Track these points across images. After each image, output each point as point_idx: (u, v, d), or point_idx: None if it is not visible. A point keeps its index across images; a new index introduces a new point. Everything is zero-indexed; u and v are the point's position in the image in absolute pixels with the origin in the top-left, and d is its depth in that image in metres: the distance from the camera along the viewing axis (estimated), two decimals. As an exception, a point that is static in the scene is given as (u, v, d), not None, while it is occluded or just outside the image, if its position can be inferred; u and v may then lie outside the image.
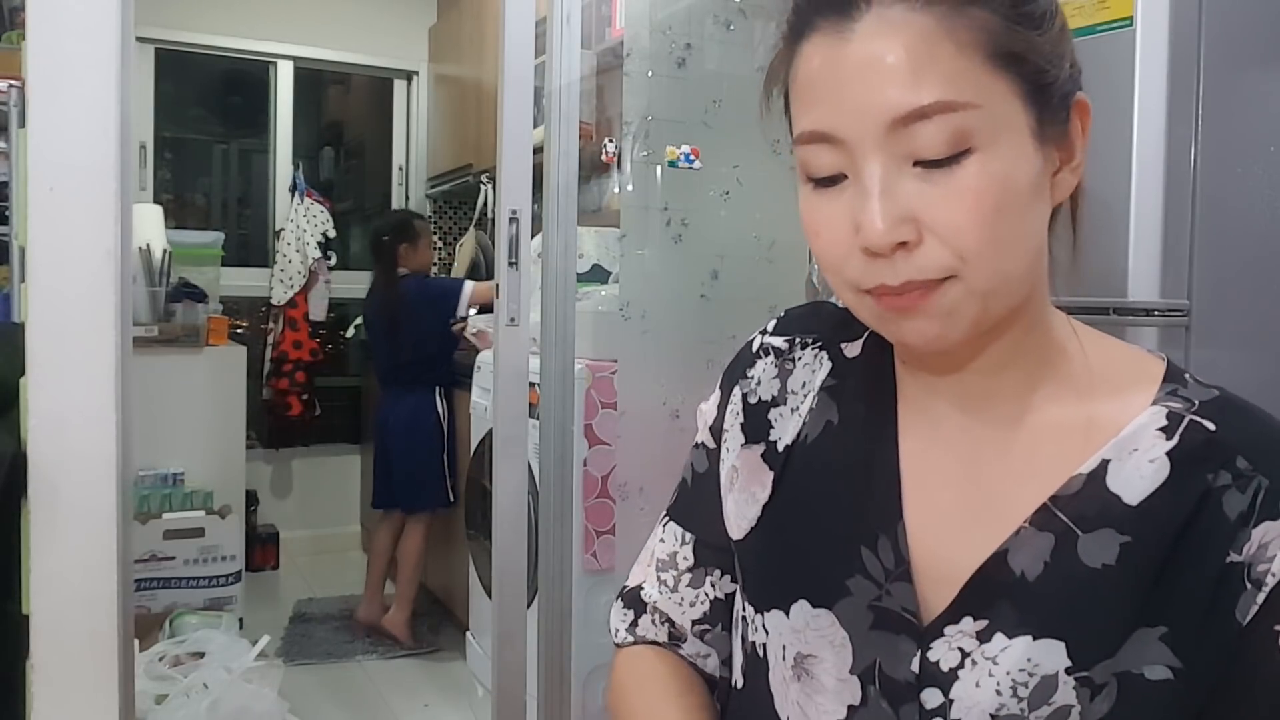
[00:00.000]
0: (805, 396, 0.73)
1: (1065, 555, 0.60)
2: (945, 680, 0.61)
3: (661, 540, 0.81)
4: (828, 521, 0.68)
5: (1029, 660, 0.59)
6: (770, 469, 0.72)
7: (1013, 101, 0.57)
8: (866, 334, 0.72)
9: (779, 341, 0.77)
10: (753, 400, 0.76)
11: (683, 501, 0.81)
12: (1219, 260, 1.34)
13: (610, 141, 2.89)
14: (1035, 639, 0.59)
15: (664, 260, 1.87)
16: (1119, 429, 0.61)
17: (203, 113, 4.40)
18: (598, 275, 2.69)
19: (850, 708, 0.64)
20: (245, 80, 4.32)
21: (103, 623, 1.38)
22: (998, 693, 0.59)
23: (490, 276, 3.60)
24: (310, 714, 2.62)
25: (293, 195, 4.09)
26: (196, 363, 3.19)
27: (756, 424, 0.75)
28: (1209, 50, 1.32)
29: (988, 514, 0.63)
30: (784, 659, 0.68)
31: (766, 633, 0.69)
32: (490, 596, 1.93)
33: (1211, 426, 0.60)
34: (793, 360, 0.75)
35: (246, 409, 3.35)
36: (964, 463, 0.65)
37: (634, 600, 0.81)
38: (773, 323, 0.79)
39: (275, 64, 4.25)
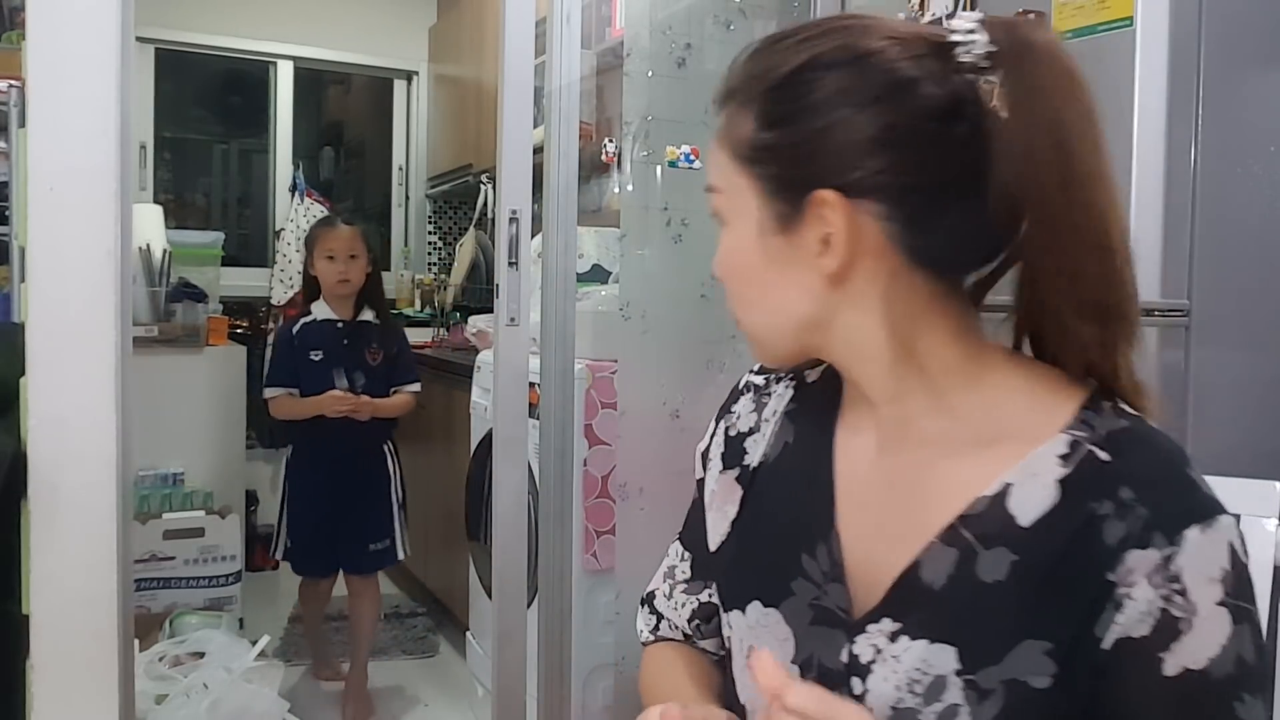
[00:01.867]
0: (771, 422, 0.83)
1: (966, 569, 0.66)
2: (863, 672, 0.68)
3: (669, 556, 0.93)
4: (779, 531, 0.77)
5: (924, 661, 0.65)
6: (740, 488, 0.83)
7: (749, 196, 0.70)
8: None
9: (759, 379, 0.87)
10: (733, 433, 0.86)
11: (686, 524, 0.93)
12: (1219, 260, 1.34)
13: (610, 141, 2.89)
14: (931, 643, 0.66)
15: (664, 260, 1.87)
16: (1025, 454, 0.66)
17: (203, 113, 4.40)
18: (598, 275, 2.69)
19: None
20: (245, 80, 4.32)
21: (103, 623, 1.38)
22: (897, 688, 0.66)
23: (490, 277, 3.60)
24: (310, 714, 2.62)
25: (293, 195, 4.09)
26: (196, 363, 3.19)
27: (733, 452, 0.85)
28: (1209, 50, 1.32)
29: (909, 527, 0.69)
30: (742, 652, 0.77)
31: (731, 629, 0.79)
32: (490, 596, 1.92)
33: (1106, 457, 0.64)
34: (768, 394, 0.85)
35: (246, 409, 3.35)
36: (889, 479, 0.72)
37: (652, 606, 0.93)
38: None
39: (275, 64, 4.25)
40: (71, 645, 1.36)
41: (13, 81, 2.11)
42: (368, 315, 2.72)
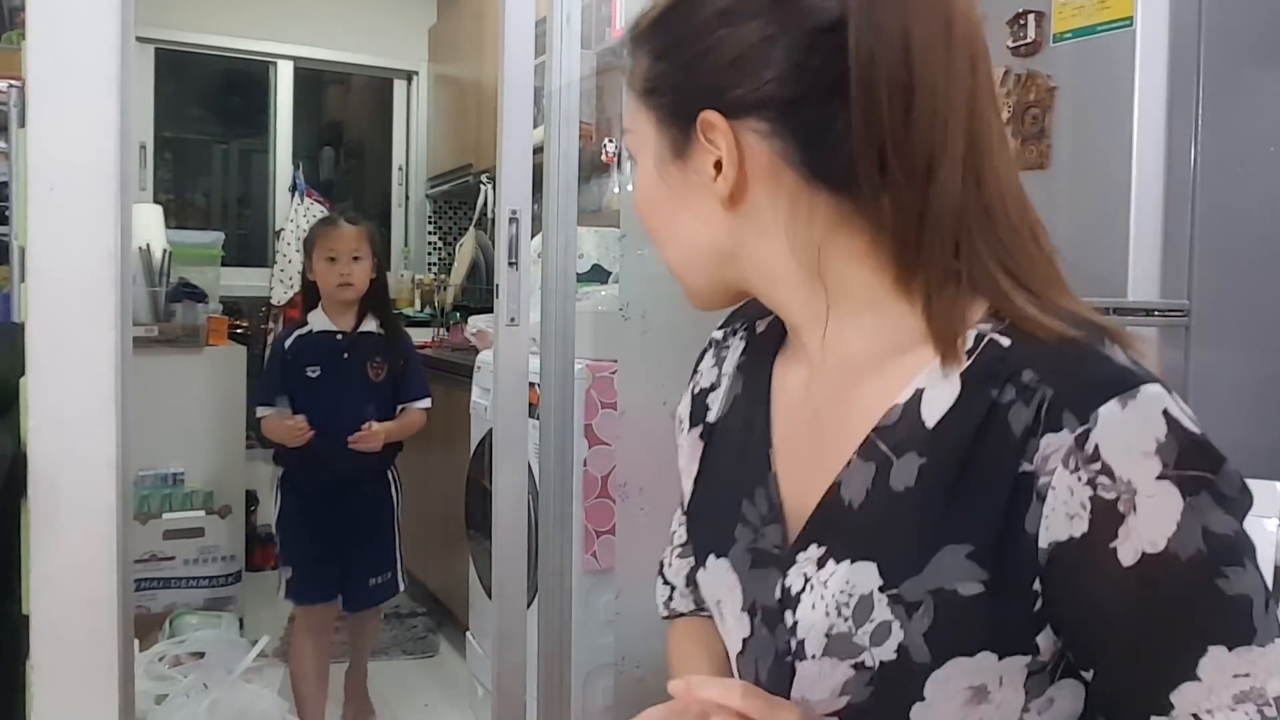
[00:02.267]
0: (729, 376, 0.83)
1: (882, 481, 0.64)
2: (794, 603, 0.67)
3: (674, 523, 0.94)
4: (725, 482, 0.77)
5: (847, 582, 0.63)
6: (701, 444, 0.83)
7: (650, 130, 0.71)
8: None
9: (719, 334, 0.87)
10: (695, 390, 0.86)
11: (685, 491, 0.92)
12: (1219, 260, 1.34)
13: (610, 141, 2.89)
14: (853, 562, 0.64)
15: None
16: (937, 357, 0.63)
17: (203, 113, 4.40)
18: (598, 275, 2.69)
19: (744, 640, 0.72)
20: (245, 80, 4.32)
21: (103, 623, 1.38)
22: (826, 614, 0.64)
23: (490, 277, 3.60)
24: (310, 714, 2.62)
25: (293, 195, 4.09)
26: (196, 363, 3.18)
27: (698, 410, 0.85)
28: (1209, 50, 1.32)
29: (834, 451, 0.67)
30: (712, 604, 0.78)
31: (701, 585, 0.80)
32: (490, 596, 1.93)
33: (1006, 343, 0.61)
34: (726, 348, 0.85)
35: (246, 409, 3.35)
36: (815, 412, 0.71)
37: (663, 575, 0.94)
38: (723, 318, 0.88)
39: (275, 64, 4.25)
40: (71, 645, 1.36)
41: (13, 81, 2.11)
42: (370, 325, 2.45)
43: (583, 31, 1.84)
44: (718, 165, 0.66)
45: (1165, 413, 0.56)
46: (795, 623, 0.66)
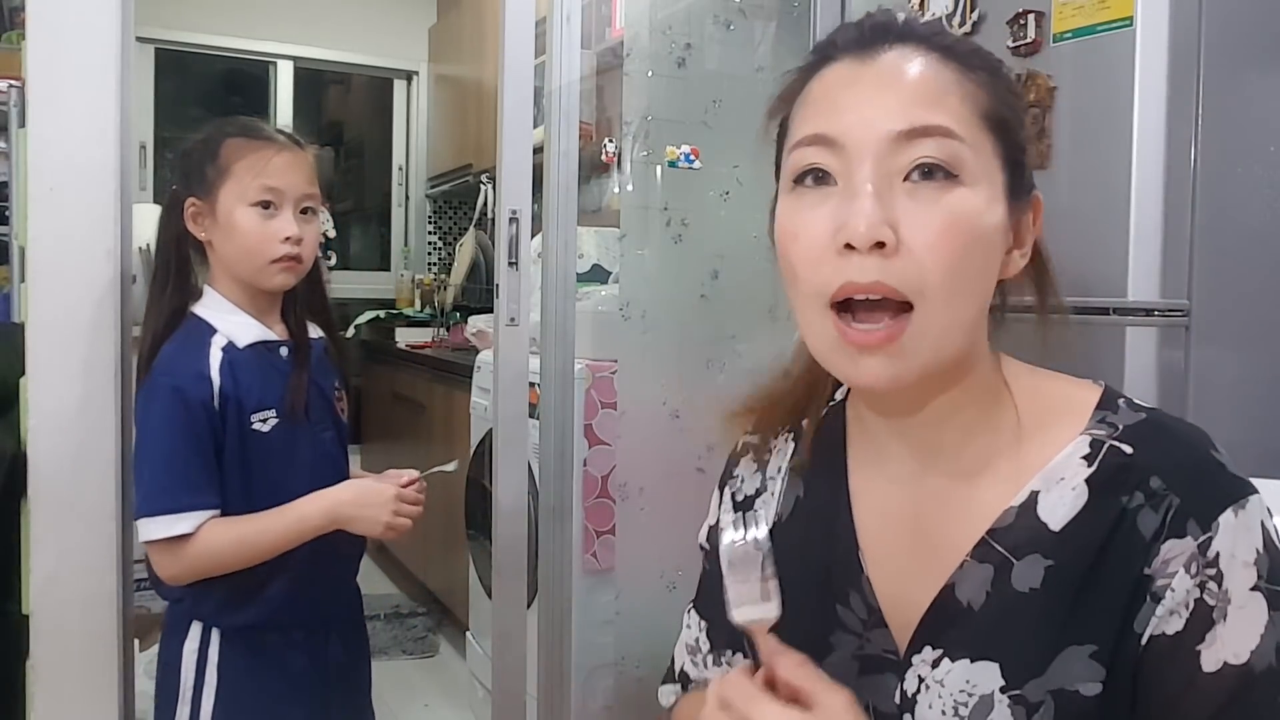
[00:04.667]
0: (778, 479, 0.79)
1: (1002, 582, 0.64)
2: (911, 705, 0.66)
3: (688, 627, 0.88)
4: (806, 589, 0.72)
5: (968, 681, 0.63)
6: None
7: (995, 161, 0.63)
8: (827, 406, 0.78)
9: (754, 439, 0.83)
10: (739, 498, 0.82)
11: (699, 592, 0.88)
12: (1219, 260, 1.34)
13: (610, 141, 2.89)
14: (973, 661, 0.63)
15: (664, 260, 1.87)
16: (1048, 461, 0.65)
17: (203, 113, 4.40)
18: (598, 275, 2.69)
19: None
20: (245, 80, 4.32)
21: (103, 623, 1.38)
22: (943, 713, 0.64)
23: (490, 277, 3.60)
24: (310, 714, 2.62)
25: (293, 195, 4.08)
26: (196, 363, 3.17)
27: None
28: (1209, 50, 1.32)
29: (937, 555, 0.67)
30: None
31: None
32: (490, 596, 1.92)
33: (1129, 450, 0.63)
34: (769, 451, 0.81)
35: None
36: (912, 512, 0.69)
37: (680, 681, 0.88)
38: (740, 407, 0.84)
39: (275, 64, 4.25)
40: (71, 645, 1.36)
41: (13, 81, 2.11)
42: (315, 330, 1.45)
43: (583, 31, 1.84)
44: (1016, 227, 0.66)
45: (1262, 524, 0.60)
46: None
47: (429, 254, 4.56)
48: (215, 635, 1.33)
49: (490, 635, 1.87)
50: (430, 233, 4.57)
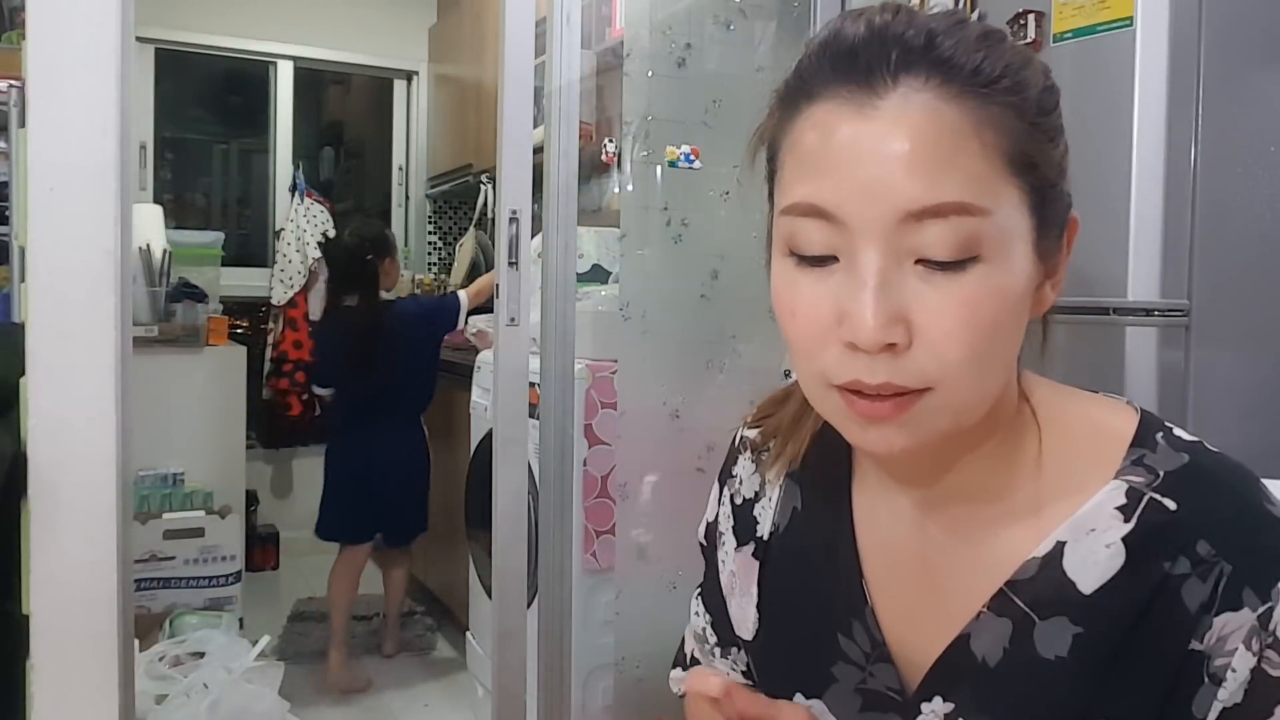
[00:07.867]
0: (775, 484, 0.74)
1: (1022, 642, 0.59)
2: None
3: (696, 614, 0.84)
4: (805, 611, 0.69)
5: None
6: (757, 563, 0.74)
7: (1021, 210, 0.55)
8: None
9: (754, 434, 0.77)
10: (738, 501, 0.77)
11: (705, 583, 0.83)
12: (1219, 260, 1.34)
13: (610, 141, 2.89)
14: None
15: (664, 260, 1.87)
16: (1076, 508, 0.59)
17: (203, 113, 4.40)
18: (598, 275, 2.69)
19: None
20: (245, 80, 4.32)
21: (103, 623, 1.38)
22: None
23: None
24: (310, 714, 2.62)
25: (293, 195, 4.09)
26: (196, 363, 3.18)
27: (744, 524, 0.76)
28: (1209, 50, 1.32)
29: (950, 597, 0.62)
30: None
31: None
32: (490, 596, 1.92)
33: (1172, 506, 0.57)
34: (767, 450, 0.75)
35: (246, 409, 3.34)
36: (922, 545, 0.64)
37: (690, 666, 0.84)
38: (752, 413, 0.80)
39: (275, 64, 4.25)
40: (71, 645, 1.36)
41: (13, 81, 2.11)
42: None
43: (583, 31, 1.84)
44: (1051, 269, 0.59)
45: None
46: None
47: (429, 254, 4.56)
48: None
49: (490, 635, 1.87)
50: (430, 233, 4.57)
